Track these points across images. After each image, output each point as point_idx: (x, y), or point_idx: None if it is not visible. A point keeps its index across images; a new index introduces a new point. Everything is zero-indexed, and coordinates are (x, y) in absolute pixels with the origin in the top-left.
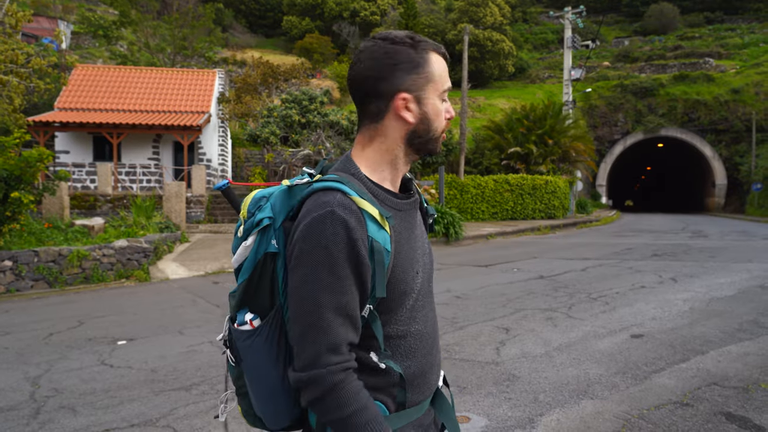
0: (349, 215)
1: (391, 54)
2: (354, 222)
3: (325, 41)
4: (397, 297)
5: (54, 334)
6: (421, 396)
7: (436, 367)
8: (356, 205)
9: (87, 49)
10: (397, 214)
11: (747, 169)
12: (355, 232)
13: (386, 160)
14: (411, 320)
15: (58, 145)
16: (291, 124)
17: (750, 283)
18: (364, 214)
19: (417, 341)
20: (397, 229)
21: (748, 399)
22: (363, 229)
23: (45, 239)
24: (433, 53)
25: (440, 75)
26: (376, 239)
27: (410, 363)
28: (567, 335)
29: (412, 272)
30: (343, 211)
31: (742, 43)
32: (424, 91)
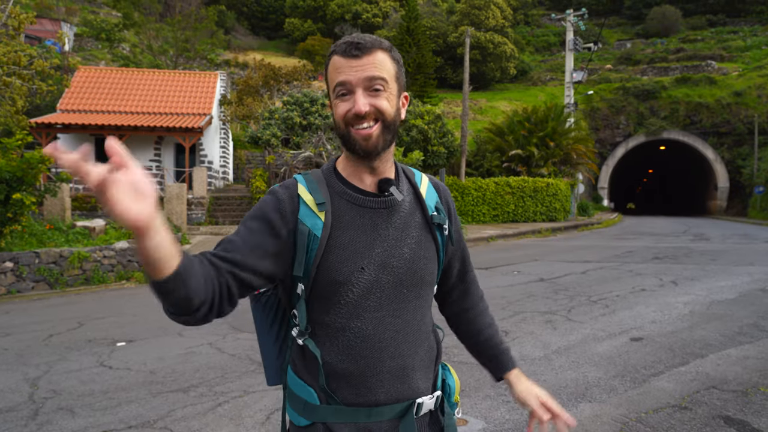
0: (285, 193)
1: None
2: (284, 197)
3: (327, 43)
4: (328, 285)
5: (54, 335)
6: (359, 398)
7: (390, 376)
8: (296, 189)
9: (90, 51)
10: (353, 208)
11: (749, 171)
12: (279, 204)
13: (346, 158)
14: (352, 316)
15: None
16: (292, 126)
17: (751, 286)
18: (299, 199)
19: (358, 340)
20: (344, 222)
21: (747, 402)
22: (293, 208)
23: (46, 240)
24: (333, 56)
25: (331, 74)
26: (304, 222)
27: (344, 359)
28: (566, 338)
29: (351, 266)
30: (282, 189)
31: (744, 45)
32: (330, 92)
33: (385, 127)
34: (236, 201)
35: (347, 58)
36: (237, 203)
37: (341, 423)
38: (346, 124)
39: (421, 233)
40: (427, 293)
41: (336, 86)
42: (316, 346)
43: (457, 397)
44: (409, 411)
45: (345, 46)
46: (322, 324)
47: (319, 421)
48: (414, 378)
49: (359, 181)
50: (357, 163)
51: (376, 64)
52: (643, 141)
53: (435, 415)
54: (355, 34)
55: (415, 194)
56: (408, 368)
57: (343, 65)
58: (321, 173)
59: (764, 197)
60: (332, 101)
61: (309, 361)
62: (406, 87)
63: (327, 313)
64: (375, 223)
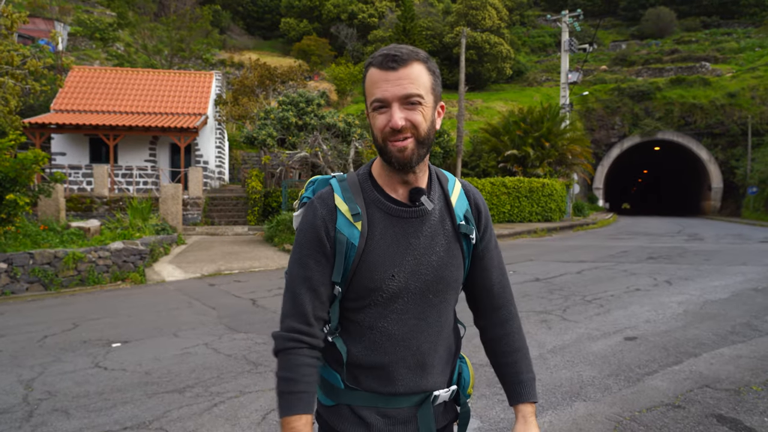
0: (323, 207)
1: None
2: (324, 212)
3: (323, 43)
4: (361, 290)
5: (48, 336)
6: (383, 388)
7: (410, 371)
8: (333, 201)
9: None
10: (386, 218)
11: (743, 172)
12: (321, 221)
13: (381, 165)
14: (380, 317)
15: (54, 147)
16: (288, 126)
17: (744, 286)
18: (336, 210)
19: (383, 338)
20: (378, 231)
21: (740, 401)
22: (332, 220)
23: (40, 241)
24: (370, 68)
25: (368, 88)
26: (342, 232)
27: (370, 353)
28: (561, 337)
29: (383, 273)
30: (319, 202)
31: (738, 47)
32: (367, 104)
33: (419, 143)
34: (232, 201)
35: (384, 71)
36: (233, 203)
37: (363, 406)
38: (383, 138)
39: (449, 241)
40: (451, 297)
41: (373, 101)
42: (344, 344)
43: (470, 389)
44: (426, 401)
45: (382, 58)
46: (351, 321)
47: (344, 403)
48: (432, 374)
49: (393, 191)
50: (392, 173)
51: (413, 79)
52: (638, 142)
53: (450, 405)
54: (392, 45)
55: (446, 202)
56: (427, 365)
57: (380, 78)
58: (356, 178)
59: (757, 198)
60: (369, 113)
61: (334, 352)
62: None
63: (357, 312)
64: (407, 232)
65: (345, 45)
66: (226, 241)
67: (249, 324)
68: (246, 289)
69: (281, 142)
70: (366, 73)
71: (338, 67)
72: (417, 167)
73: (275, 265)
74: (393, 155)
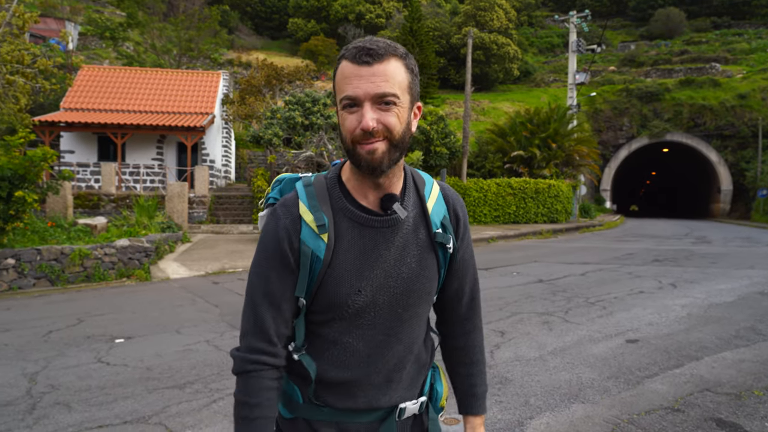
0: (286, 216)
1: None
2: (287, 222)
3: (331, 44)
4: (326, 304)
5: (53, 331)
6: (345, 404)
7: (374, 388)
8: (297, 210)
9: (94, 50)
10: (355, 227)
11: (753, 175)
12: (285, 231)
13: (351, 169)
14: (345, 332)
15: (63, 145)
16: (294, 125)
17: (750, 289)
18: (301, 220)
19: (347, 354)
20: (345, 243)
21: (740, 405)
22: (296, 231)
23: (48, 238)
24: (343, 61)
25: (339, 83)
26: (306, 244)
27: (331, 369)
28: (562, 339)
29: (348, 288)
30: (283, 211)
31: (749, 48)
32: (336, 101)
33: (392, 146)
34: (238, 200)
35: (357, 65)
36: (239, 202)
37: (322, 421)
38: (353, 140)
39: (422, 251)
40: (423, 309)
41: (343, 98)
42: (312, 362)
43: (443, 402)
44: (390, 415)
45: (355, 51)
46: (316, 336)
47: (302, 417)
48: (398, 389)
49: (362, 197)
50: (362, 178)
51: (388, 76)
52: (646, 143)
53: (419, 418)
54: (368, 38)
55: (421, 208)
56: (393, 381)
57: (352, 73)
58: (324, 183)
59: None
60: (339, 111)
61: (299, 368)
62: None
63: (321, 326)
64: (376, 243)
65: None
66: (230, 240)
67: None
68: None
69: (287, 141)
70: (338, 66)
71: None
72: (390, 171)
73: None
74: (362, 158)
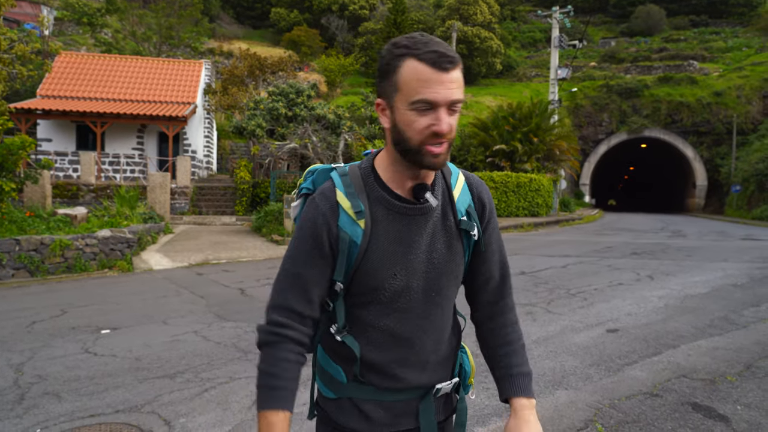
0: (324, 203)
1: (381, 61)
2: (326, 209)
3: (313, 34)
4: (363, 288)
5: (37, 322)
6: (386, 383)
7: (412, 369)
8: (335, 197)
9: (70, 35)
10: (390, 215)
11: (727, 171)
12: (323, 218)
13: (389, 160)
14: (382, 315)
15: (40, 133)
16: (277, 117)
17: (724, 281)
18: (339, 207)
19: (386, 336)
20: (381, 229)
21: (714, 390)
22: (334, 217)
23: (27, 228)
24: (409, 60)
25: (408, 84)
26: (344, 230)
27: (371, 350)
28: (545, 329)
29: (385, 272)
30: (321, 199)
31: (725, 46)
32: (392, 99)
33: (450, 146)
34: (220, 191)
35: (437, 71)
36: (221, 193)
37: (365, 400)
38: (422, 140)
39: (450, 237)
40: (452, 293)
41: (418, 101)
42: (355, 341)
43: (471, 380)
44: (428, 394)
45: (435, 55)
46: (355, 318)
47: (345, 396)
48: (435, 370)
49: (398, 186)
50: (403, 169)
51: (459, 83)
52: (625, 138)
53: (450, 396)
54: (436, 40)
55: (449, 196)
56: (430, 362)
57: (431, 78)
58: (359, 173)
59: (740, 196)
60: (403, 109)
61: (342, 349)
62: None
63: (360, 309)
64: (410, 230)
65: (335, 36)
66: (213, 231)
67: (238, 313)
68: (234, 279)
69: (270, 132)
70: (403, 64)
71: (328, 59)
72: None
73: (263, 255)
74: (428, 158)
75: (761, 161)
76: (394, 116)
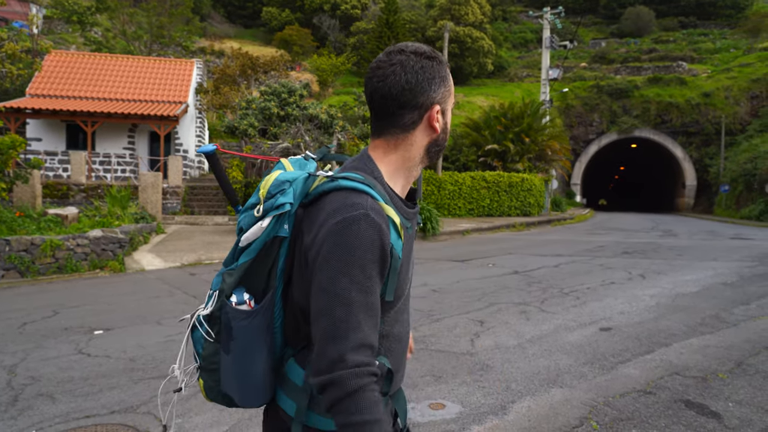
0: (381, 220)
1: (427, 68)
2: (384, 227)
3: (305, 34)
4: (394, 301)
5: (28, 323)
6: (392, 389)
7: (402, 370)
8: (384, 212)
9: (60, 34)
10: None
11: (716, 171)
12: (385, 237)
13: (406, 167)
14: (394, 322)
15: (29, 133)
16: (270, 116)
17: (714, 280)
18: (390, 222)
19: (395, 342)
20: (406, 238)
21: (706, 387)
22: (388, 234)
23: (16, 228)
24: (447, 68)
25: (453, 88)
26: (394, 246)
27: (391, 359)
28: (539, 328)
29: (407, 278)
30: (376, 215)
31: (714, 48)
32: (447, 103)
33: None
34: (212, 191)
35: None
36: (213, 193)
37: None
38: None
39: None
40: None
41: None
42: (385, 358)
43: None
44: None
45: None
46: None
47: None
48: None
49: (401, 191)
50: (411, 174)
51: None
52: (616, 139)
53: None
54: None
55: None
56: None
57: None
58: (378, 183)
59: (729, 196)
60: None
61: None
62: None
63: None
64: (412, 233)
65: (327, 36)
66: (206, 231)
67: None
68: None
69: (263, 132)
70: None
71: (320, 58)
72: None
73: None
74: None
75: (749, 161)
76: (445, 119)
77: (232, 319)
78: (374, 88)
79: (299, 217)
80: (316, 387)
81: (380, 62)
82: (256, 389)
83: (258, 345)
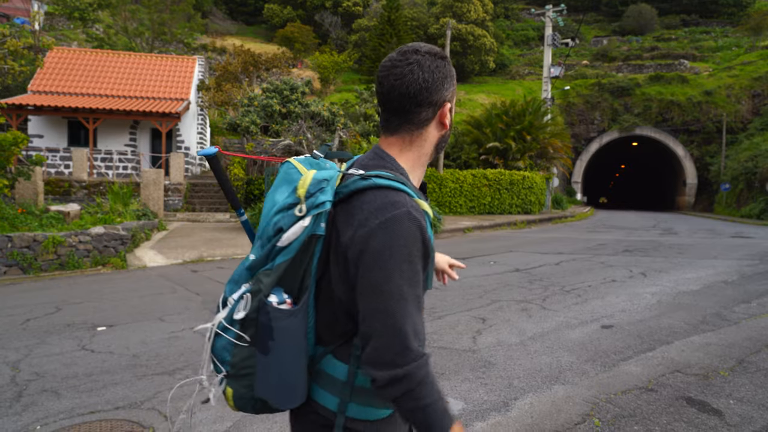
0: (420, 216)
1: (441, 68)
2: (423, 222)
3: (307, 31)
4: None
5: (31, 319)
6: None
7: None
8: (421, 207)
9: (61, 30)
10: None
11: (717, 169)
12: (425, 232)
13: (421, 162)
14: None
15: (31, 129)
16: (272, 113)
17: (715, 278)
18: (426, 216)
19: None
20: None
21: (708, 385)
22: (426, 229)
23: (19, 224)
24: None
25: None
26: (431, 238)
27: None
28: (541, 325)
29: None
30: (416, 212)
31: (716, 46)
32: (453, 100)
33: None
34: (213, 188)
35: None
36: (215, 190)
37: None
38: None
39: None
40: None
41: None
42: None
43: None
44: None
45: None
46: None
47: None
48: None
49: (416, 184)
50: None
51: None
52: (617, 137)
53: None
54: None
55: None
56: None
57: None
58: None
59: (729, 194)
60: (454, 108)
61: None
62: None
63: None
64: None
65: (329, 33)
66: (207, 228)
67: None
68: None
69: (265, 129)
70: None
71: (322, 56)
72: None
73: None
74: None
75: (750, 160)
76: (451, 116)
77: (273, 319)
78: (391, 86)
79: (331, 215)
80: (385, 380)
81: (396, 61)
82: (294, 389)
83: (297, 344)
